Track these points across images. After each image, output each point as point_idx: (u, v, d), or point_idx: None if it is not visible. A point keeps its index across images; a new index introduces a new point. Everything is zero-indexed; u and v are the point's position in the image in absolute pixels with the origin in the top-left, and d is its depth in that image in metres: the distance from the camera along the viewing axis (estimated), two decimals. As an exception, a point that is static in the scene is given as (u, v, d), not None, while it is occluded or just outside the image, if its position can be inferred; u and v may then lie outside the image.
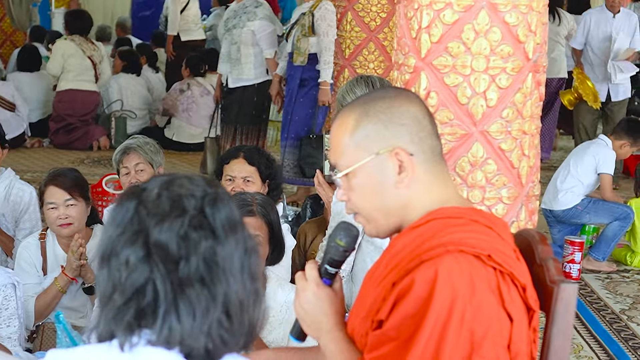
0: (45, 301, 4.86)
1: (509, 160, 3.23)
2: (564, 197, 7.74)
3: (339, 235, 2.46)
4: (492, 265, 2.32)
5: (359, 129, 2.42)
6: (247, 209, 3.82)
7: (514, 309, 2.32)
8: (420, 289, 2.27)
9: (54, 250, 5.03)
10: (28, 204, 5.85)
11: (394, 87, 2.56)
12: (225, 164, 4.94)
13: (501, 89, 3.19)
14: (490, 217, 2.50)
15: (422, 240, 2.36)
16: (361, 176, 2.43)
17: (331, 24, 8.42)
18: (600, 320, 6.42)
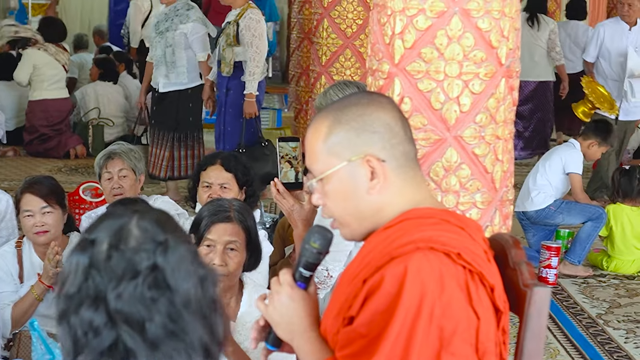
0: (22, 309, 4.85)
1: (483, 165, 3.24)
2: (536, 198, 7.79)
3: (312, 237, 2.48)
4: (461, 264, 2.34)
5: (331, 136, 2.45)
6: (224, 214, 3.83)
7: (481, 308, 2.34)
8: (389, 285, 2.29)
9: (31, 258, 5.02)
10: (4, 212, 5.82)
11: (368, 93, 2.57)
12: (202, 170, 4.94)
13: (474, 94, 3.20)
14: (463, 218, 2.52)
15: (393, 239, 2.38)
16: (334, 182, 2.46)
17: (256, 34, 8.33)
18: (576, 325, 6.45)
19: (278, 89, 18.03)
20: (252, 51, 8.36)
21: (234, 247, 3.78)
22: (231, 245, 3.78)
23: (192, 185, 5.05)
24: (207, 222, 3.81)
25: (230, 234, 3.80)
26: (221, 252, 3.76)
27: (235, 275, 3.82)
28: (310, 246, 2.47)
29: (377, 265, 2.34)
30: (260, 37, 8.43)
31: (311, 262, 2.49)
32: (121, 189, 5.36)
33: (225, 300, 3.79)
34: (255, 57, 8.37)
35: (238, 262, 3.79)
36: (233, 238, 3.79)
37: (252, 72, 8.37)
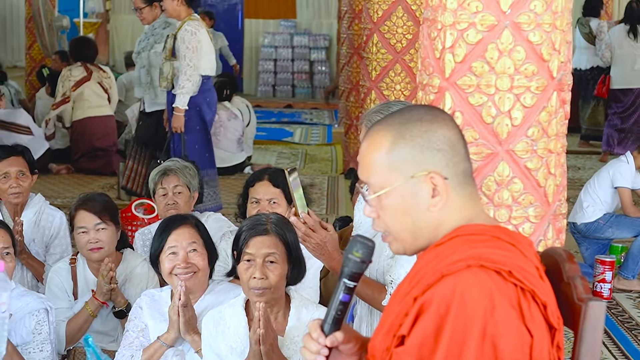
0: (77, 325, 4.90)
1: (535, 179, 3.22)
2: (587, 210, 7.73)
3: (355, 247, 2.47)
4: (512, 282, 2.33)
5: (394, 151, 2.44)
6: (261, 227, 3.86)
7: (534, 325, 2.33)
8: (438, 304, 2.29)
9: (85, 274, 5.07)
10: (58, 229, 5.89)
11: (429, 108, 2.54)
12: (251, 186, 4.97)
13: (526, 108, 3.18)
14: (514, 235, 2.50)
15: (443, 256, 2.37)
16: (394, 197, 2.45)
17: (189, 46, 8.23)
18: (632, 340, 6.39)
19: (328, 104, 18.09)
20: (185, 64, 8.24)
21: (273, 259, 3.80)
22: (270, 258, 3.80)
23: (241, 201, 5.08)
24: (245, 236, 3.84)
25: (269, 246, 3.81)
26: (261, 266, 3.77)
27: (278, 288, 3.82)
28: (353, 256, 2.46)
29: (428, 283, 2.34)
30: (195, 50, 8.29)
31: (355, 272, 2.48)
32: (176, 205, 5.40)
33: (272, 314, 3.80)
34: (187, 70, 8.24)
35: (279, 274, 3.80)
36: (271, 250, 3.81)
37: (182, 86, 8.25)
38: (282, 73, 20.55)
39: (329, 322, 2.51)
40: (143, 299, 4.39)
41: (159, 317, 4.27)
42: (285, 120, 17.08)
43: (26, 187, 5.81)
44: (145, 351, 4.16)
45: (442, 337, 2.26)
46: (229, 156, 11.83)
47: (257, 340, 3.66)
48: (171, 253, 4.23)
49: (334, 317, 2.50)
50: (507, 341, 2.27)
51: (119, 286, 4.91)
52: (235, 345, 3.84)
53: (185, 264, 4.20)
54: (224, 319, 3.90)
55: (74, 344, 4.92)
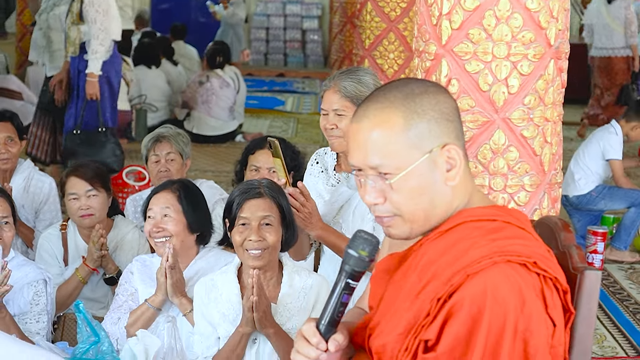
0: (67, 292, 4.88)
1: (531, 147, 3.20)
2: (578, 183, 7.72)
3: (360, 245, 2.32)
4: (535, 272, 2.28)
5: (410, 128, 2.30)
6: (255, 191, 3.85)
7: (556, 313, 2.30)
8: (470, 306, 2.21)
9: (75, 241, 5.05)
10: (47, 195, 5.87)
11: (421, 80, 2.46)
12: (251, 154, 4.96)
13: (523, 76, 3.16)
14: (516, 214, 2.43)
15: (461, 251, 2.28)
16: (412, 177, 2.31)
17: (99, 9, 8.05)
18: (623, 311, 6.39)
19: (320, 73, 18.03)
20: (96, 28, 8.06)
21: (269, 222, 3.79)
22: (266, 221, 3.79)
23: (239, 168, 5.06)
24: (238, 201, 3.83)
25: (264, 209, 3.81)
26: (257, 228, 3.76)
27: (275, 249, 3.81)
28: (359, 254, 2.31)
29: (452, 283, 2.24)
30: (105, 13, 8.11)
31: (358, 270, 2.32)
32: (168, 172, 5.36)
33: (265, 281, 3.78)
34: (99, 34, 8.07)
35: (275, 236, 3.79)
36: (267, 213, 3.80)
37: (95, 51, 8.07)
38: (274, 41, 20.49)
39: (326, 324, 2.34)
40: (134, 264, 4.37)
41: (149, 282, 4.25)
42: (277, 89, 17.04)
43: (15, 153, 5.77)
44: (132, 313, 4.15)
45: (476, 339, 2.20)
46: (220, 124, 11.79)
47: (250, 308, 3.65)
48: (149, 217, 4.25)
49: (333, 318, 2.34)
50: (536, 335, 2.23)
51: (109, 253, 4.89)
52: (228, 312, 3.82)
53: (156, 228, 4.20)
54: (216, 286, 3.89)
55: (64, 311, 4.90)
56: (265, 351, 3.79)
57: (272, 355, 3.79)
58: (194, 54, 14.38)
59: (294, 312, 3.83)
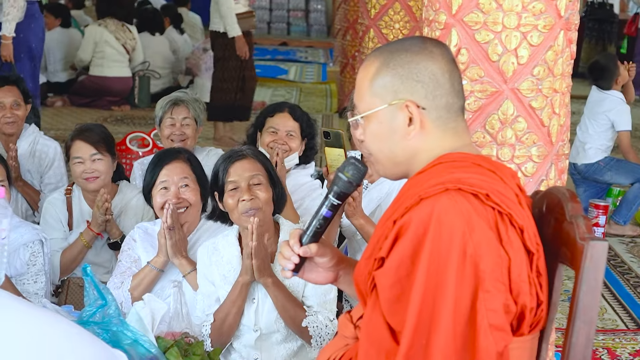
0: (71, 256, 4.90)
1: (539, 118, 3.21)
2: (588, 152, 7.70)
3: (346, 167, 2.55)
4: (490, 205, 2.35)
5: (377, 78, 2.49)
6: (238, 154, 3.91)
7: (511, 248, 2.35)
8: (416, 227, 2.32)
9: (80, 205, 5.06)
10: (53, 159, 5.88)
11: (422, 40, 2.54)
12: (270, 116, 4.97)
13: (532, 47, 3.16)
14: (496, 164, 2.53)
15: (424, 181, 2.41)
16: (374, 122, 2.51)
17: None
18: (624, 284, 6.41)
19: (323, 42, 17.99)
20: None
21: (258, 180, 3.84)
22: (254, 180, 3.84)
23: (252, 131, 5.07)
24: (224, 166, 3.88)
25: (250, 169, 3.86)
26: (247, 189, 3.81)
27: (269, 206, 3.85)
28: (344, 175, 2.54)
29: (406, 206, 2.37)
30: None
31: (343, 191, 2.56)
32: (183, 136, 5.37)
33: (264, 242, 3.81)
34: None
35: (266, 194, 3.84)
36: (254, 172, 3.85)
37: (7, 12, 8.03)
38: (277, 10, 20.44)
39: (308, 234, 2.60)
40: (136, 231, 4.38)
41: (152, 250, 4.26)
42: (280, 58, 17.01)
43: (20, 117, 5.79)
44: (135, 276, 4.17)
45: (420, 258, 2.29)
46: (223, 92, 11.77)
47: (249, 254, 3.69)
48: (163, 188, 4.23)
49: (314, 230, 2.59)
50: (487, 261, 2.30)
51: (114, 218, 4.91)
52: (228, 274, 3.86)
53: (176, 199, 4.20)
54: (218, 249, 3.92)
55: (68, 275, 4.92)
56: (264, 309, 3.83)
57: (270, 312, 3.83)
58: (197, 22, 14.33)
59: (291, 272, 3.85)
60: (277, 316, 3.82)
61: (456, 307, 2.28)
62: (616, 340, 5.52)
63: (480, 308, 2.28)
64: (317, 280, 2.72)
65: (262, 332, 3.85)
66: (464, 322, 2.28)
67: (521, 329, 2.40)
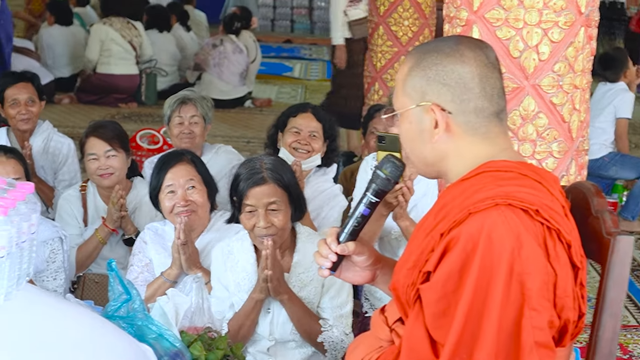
0: (87, 252, 4.92)
1: (560, 114, 3.23)
2: (592, 147, 7.69)
3: (384, 165, 2.57)
4: (539, 220, 2.33)
5: (409, 78, 2.50)
6: (258, 177, 3.83)
7: (558, 264, 2.34)
8: (465, 242, 2.30)
9: (95, 202, 5.08)
10: (66, 156, 5.90)
11: (457, 40, 2.51)
12: (292, 116, 4.98)
13: (553, 43, 3.18)
14: (541, 172, 2.50)
15: (470, 193, 2.38)
16: (405, 122, 2.52)
17: None
18: (634, 280, 6.43)
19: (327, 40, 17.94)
20: None
21: (275, 207, 3.79)
22: (272, 207, 3.79)
23: (273, 131, 5.07)
24: (242, 187, 3.82)
25: (269, 195, 3.80)
26: (264, 215, 3.76)
27: (285, 230, 3.83)
28: (382, 172, 2.55)
29: (454, 220, 2.34)
30: None
31: (381, 188, 2.57)
32: (191, 134, 5.38)
33: (280, 255, 3.81)
34: None
35: (283, 219, 3.79)
36: (272, 199, 3.79)
37: None
38: (281, 8, 20.42)
39: (346, 233, 2.59)
40: (147, 232, 4.39)
41: (163, 252, 4.28)
42: (285, 55, 17.02)
43: (35, 113, 5.81)
44: (149, 287, 4.18)
45: (468, 274, 2.28)
46: (230, 89, 11.80)
47: (265, 279, 3.70)
48: (170, 192, 4.23)
49: (352, 228, 2.59)
50: (533, 279, 2.29)
51: (129, 214, 4.92)
52: (243, 282, 3.85)
53: (184, 202, 4.20)
54: (233, 253, 3.91)
55: (83, 271, 4.94)
56: (279, 320, 3.83)
57: (285, 324, 3.83)
58: (202, 19, 14.34)
59: (306, 281, 3.85)
60: (292, 327, 3.83)
61: (500, 324, 2.27)
62: (628, 336, 5.55)
63: (526, 326, 2.28)
64: (354, 280, 2.71)
65: (278, 341, 3.86)
66: (508, 339, 2.28)
67: (563, 341, 2.40)
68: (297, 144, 4.86)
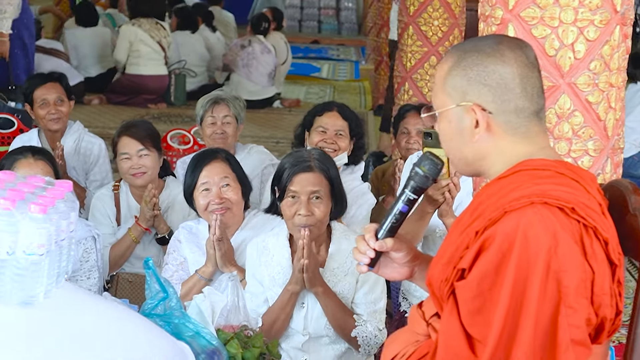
0: (120, 251, 4.94)
1: (596, 112, 3.23)
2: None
3: (423, 162, 2.58)
4: (575, 218, 2.34)
5: (449, 77, 2.50)
6: (305, 164, 3.87)
7: (595, 262, 2.34)
8: (502, 240, 2.31)
9: (128, 201, 5.11)
10: (97, 156, 5.92)
11: (498, 40, 2.51)
12: (318, 115, 4.99)
13: (589, 41, 3.18)
14: (577, 170, 2.51)
15: (506, 191, 2.38)
16: (445, 121, 2.53)
17: None
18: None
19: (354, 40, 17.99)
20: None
21: (318, 195, 3.81)
22: (315, 195, 3.81)
23: (300, 130, 5.09)
24: (288, 173, 3.85)
25: (313, 184, 3.83)
26: (306, 203, 3.79)
27: (323, 223, 3.85)
28: (420, 169, 2.57)
29: (490, 218, 2.35)
30: None
31: (419, 186, 2.58)
32: (224, 135, 5.40)
33: (315, 249, 3.82)
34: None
35: (324, 210, 3.82)
36: (316, 187, 3.82)
37: (4, 10, 8.05)
38: (308, 8, 20.47)
39: (384, 229, 2.61)
40: (181, 231, 4.41)
41: (197, 251, 4.30)
42: (312, 56, 17.05)
43: (65, 113, 5.83)
44: (184, 285, 4.20)
45: (505, 273, 2.29)
46: (259, 89, 11.83)
47: (301, 269, 3.71)
48: (204, 189, 4.25)
49: (390, 225, 2.60)
50: (570, 276, 2.29)
51: (161, 213, 4.95)
52: (278, 276, 3.87)
53: (219, 200, 4.22)
54: (268, 248, 3.93)
55: (117, 270, 4.97)
56: (314, 315, 3.85)
57: (320, 318, 3.84)
58: (230, 20, 14.38)
59: (341, 276, 3.87)
60: (326, 322, 3.84)
61: (537, 322, 2.28)
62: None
63: (562, 323, 2.28)
64: (392, 276, 2.72)
65: (311, 336, 3.88)
66: (544, 337, 2.29)
67: (599, 338, 2.41)
68: (324, 143, 4.86)
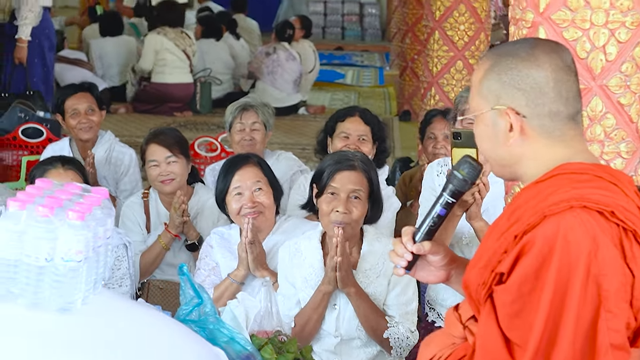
0: (150, 258, 4.96)
1: (628, 114, 3.23)
2: None
3: (461, 166, 2.58)
4: (615, 222, 2.33)
5: (484, 81, 2.50)
6: (349, 163, 3.90)
7: (635, 266, 2.33)
8: (542, 245, 2.30)
9: (157, 208, 5.13)
10: (128, 166, 5.94)
11: (533, 43, 2.50)
12: (340, 121, 5.00)
13: (620, 43, 3.17)
14: (616, 173, 2.50)
15: (545, 195, 2.37)
16: (480, 124, 2.53)
17: None
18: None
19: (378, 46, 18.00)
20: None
21: (358, 195, 3.83)
22: (355, 194, 3.83)
23: (322, 136, 5.10)
24: (330, 170, 3.87)
25: (354, 182, 3.85)
26: (345, 200, 3.81)
27: (358, 223, 3.87)
28: (459, 173, 2.56)
29: (529, 223, 2.34)
30: None
31: (458, 189, 2.57)
32: (252, 141, 5.41)
33: (348, 250, 3.83)
34: (28, 0, 8.17)
35: (361, 210, 3.84)
36: (357, 187, 3.84)
37: (25, 17, 8.18)
38: (332, 15, 20.49)
39: (422, 232, 2.60)
40: (213, 237, 4.43)
41: (229, 256, 4.31)
42: (336, 62, 17.06)
43: (96, 122, 5.86)
44: (216, 288, 4.21)
45: (546, 278, 2.28)
46: (284, 97, 11.85)
47: (334, 267, 3.72)
48: (237, 194, 4.27)
49: (428, 228, 2.60)
50: (610, 280, 2.28)
51: (191, 219, 4.96)
52: (310, 278, 3.89)
53: (251, 204, 4.24)
54: (300, 250, 3.95)
55: (147, 277, 4.99)
56: (346, 317, 3.86)
57: (352, 320, 3.85)
58: (254, 27, 14.42)
59: (373, 278, 3.88)
60: (358, 324, 3.85)
61: (577, 326, 2.27)
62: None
63: (602, 327, 2.28)
64: (428, 279, 2.72)
65: (343, 338, 3.88)
66: (584, 341, 2.28)
67: (637, 342, 2.39)
68: (347, 149, 4.85)
